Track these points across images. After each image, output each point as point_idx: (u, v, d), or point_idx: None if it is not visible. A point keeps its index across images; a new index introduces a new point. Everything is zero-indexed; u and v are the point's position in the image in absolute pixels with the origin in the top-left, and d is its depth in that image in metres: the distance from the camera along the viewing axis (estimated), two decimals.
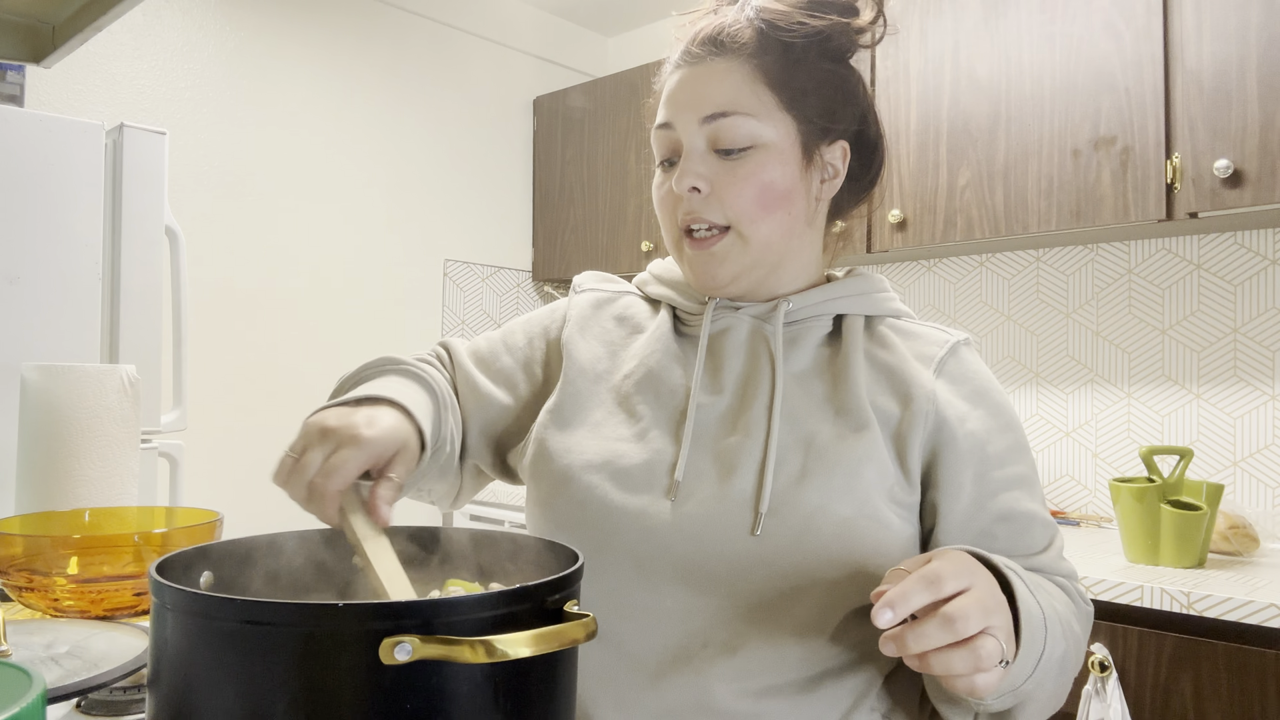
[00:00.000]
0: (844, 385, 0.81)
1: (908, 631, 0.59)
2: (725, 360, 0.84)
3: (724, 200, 0.81)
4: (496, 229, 3.09)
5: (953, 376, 0.83)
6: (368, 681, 0.46)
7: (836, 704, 0.75)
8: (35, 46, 1.47)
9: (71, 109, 2.20)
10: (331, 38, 2.68)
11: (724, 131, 0.80)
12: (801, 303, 0.85)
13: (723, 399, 0.82)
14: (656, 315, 0.91)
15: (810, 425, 0.79)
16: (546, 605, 0.52)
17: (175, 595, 0.49)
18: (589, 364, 0.87)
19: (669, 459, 0.80)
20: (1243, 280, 1.98)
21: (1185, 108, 1.75)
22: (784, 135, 0.81)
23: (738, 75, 0.81)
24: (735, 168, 0.80)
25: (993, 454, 0.80)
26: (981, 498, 0.79)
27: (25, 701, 0.42)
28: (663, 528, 0.77)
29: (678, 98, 0.83)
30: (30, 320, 1.65)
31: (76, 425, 1.17)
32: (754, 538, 0.74)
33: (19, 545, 0.89)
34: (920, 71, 2.13)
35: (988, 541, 0.79)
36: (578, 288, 0.97)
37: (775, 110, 0.81)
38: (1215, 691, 1.41)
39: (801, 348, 0.84)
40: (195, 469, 2.36)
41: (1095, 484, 2.17)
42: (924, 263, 2.47)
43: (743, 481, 0.77)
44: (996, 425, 0.81)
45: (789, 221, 0.83)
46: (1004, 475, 0.80)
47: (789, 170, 0.82)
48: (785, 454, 0.78)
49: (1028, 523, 0.80)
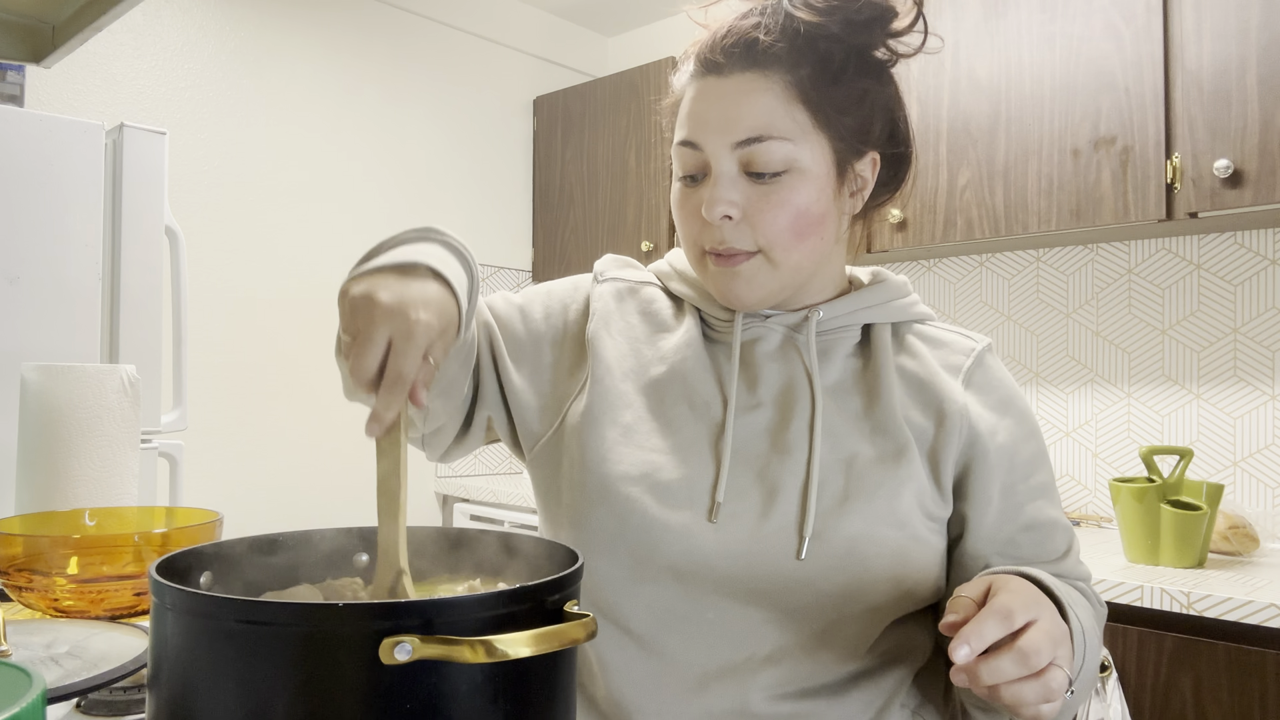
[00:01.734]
0: (879, 402, 0.80)
1: (981, 666, 0.60)
2: (759, 372, 0.82)
3: (756, 227, 0.77)
4: (496, 229, 3.09)
5: (980, 387, 0.83)
6: (368, 681, 0.46)
7: (871, 703, 0.77)
8: (35, 46, 1.47)
9: (71, 109, 2.20)
10: (331, 37, 2.68)
11: (758, 156, 0.76)
12: (831, 313, 0.84)
13: (760, 414, 0.81)
14: (683, 315, 0.88)
15: (850, 445, 0.79)
16: (546, 605, 0.52)
17: (175, 595, 0.49)
18: (615, 361, 0.84)
19: (709, 477, 0.78)
20: (1243, 280, 1.98)
21: (1185, 108, 1.75)
22: (819, 157, 0.78)
23: (772, 95, 0.76)
24: (769, 193, 0.77)
25: (1019, 464, 0.81)
26: (1009, 509, 0.80)
27: (25, 701, 0.42)
28: (706, 547, 0.76)
29: (706, 117, 0.78)
30: (30, 320, 1.65)
31: (76, 425, 1.17)
32: (799, 562, 0.74)
33: (19, 545, 0.89)
34: (920, 71, 2.13)
35: (1013, 550, 0.80)
36: (600, 275, 0.92)
37: (810, 131, 0.77)
38: (1215, 691, 1.41)
39: (832, 359, 0.83)
40: (195, 469, 2.36)
41: (1095, 484, 2.17)
42: (924, 263, 2.47)
43: (786, 504, 0.76)
44: (1022, 434, 0.82)
45: (821, 245, 0.81)
46: (1029, 485, 0.81)
47: (823, 193, 0.79)
48: (827, 474, 0.77)
49: (1050, 530, 0.81)
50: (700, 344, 0.85)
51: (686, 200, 0.81)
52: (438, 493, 2.96)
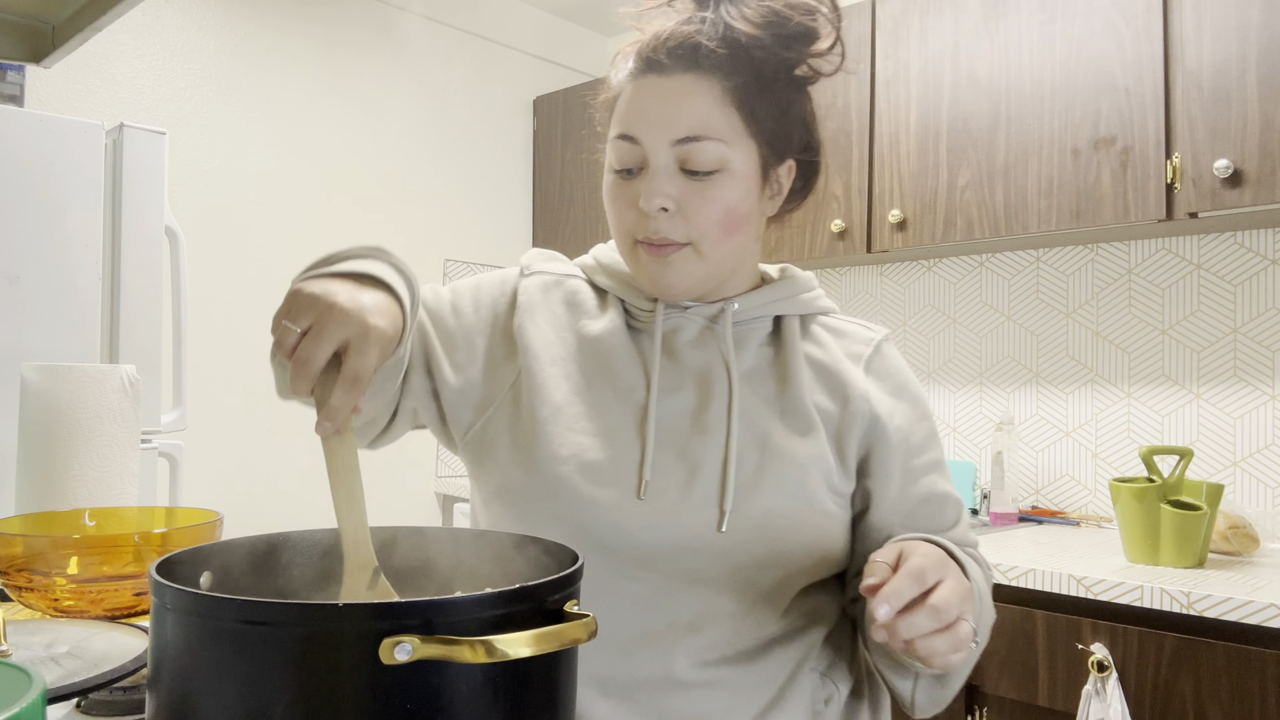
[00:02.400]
0: (789, 387, 0.87)
1: (900, 622, 0.66)
2: (680, 359, 0.88)
3: (689, 220, 0.83)
4: (496, 229, 3.09)
5: (879, 373, 0.91)
6: (368, 681, 0.46)
7: (783, 667, 0.82)
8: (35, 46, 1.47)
9: (71, 109, 2.20)
10: (331, 37, 2.68)
11: (694, 154, 0.81)
12: (745, 305, 0.90)
13: (680, 397, 0.86)
14: (606, 306, 0.92)
15: (763, 425, 0.84)
16: (546, 605, 0.52)
17: (175, 595, 0.49)
18: (542, 349, 0.88)
19: (635, 456, 0.83)
20: (1243, 280, 1.98)
21: (1185, 108, 1.75)
22: (747, 159, 0.84)
23: (711, 97, 0.82)
24: (702, 189, 0.82)
25: (914, 444, 0.89)
26: (907, 484, 0.88)
27: (25, 701, 0.42)
28: (633, 522, 0.80)
29: (647, 113, 0.83)
30: (30, 320, 1.65)
31: (76, 425, 1.17)
32: (719, 534, 0.80)
33: (19, 545, 0.89)
34: (920, 71, 2.13)
35: (912, 521, 0.87)
36: (526, 269, 0.96)
37: (742, 135, 0.83)
38: (1215, 691, 1.41)
39: (747, 348, 0.89)
40: (195, 469, 2.36)
41: (1095, 484, 2.17)
42: (924, 263, 2.47)
43: (706, 481, 0.81)
44: (916, 416, 0.90)
45: (744, 241, 0.87)
46: (923, 462, 0.89)
47: (750, 193, 0.85)
48: (743, 452, 0.83)
49: (943, 502, 0.89)
50: (624, 332, 0.89)
51: (622, 192, 0.85)
52: (438, 493, 2.96)
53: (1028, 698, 1.60)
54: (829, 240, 2.26)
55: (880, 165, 2.19)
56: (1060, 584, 1.56)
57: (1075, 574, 1.55)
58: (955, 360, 2.42)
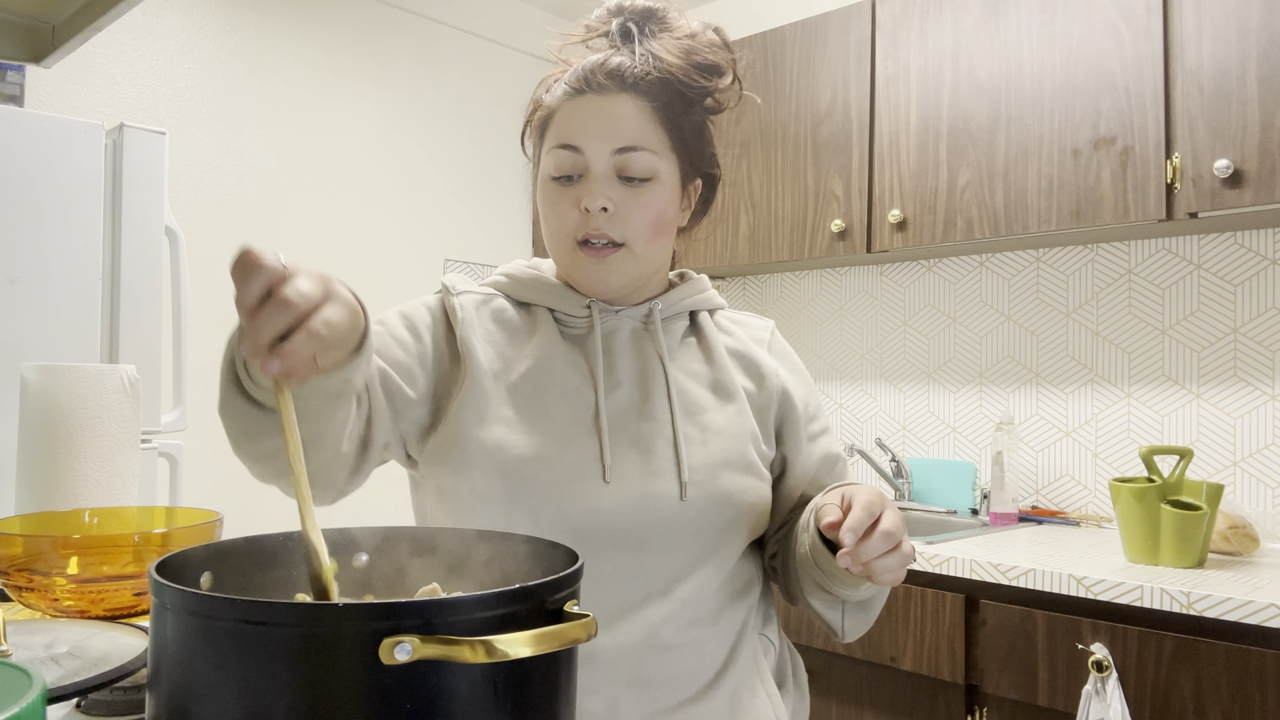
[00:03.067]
0: (715, 367, 0.99)
1: (861, 547, 0.77)
2: (617, 358, 0.97)
3: (625, 221, 0.92)
4: (496, 229, 3.09)
5: (778, 354, 1.05)
6: (368, 681, 0.46)
7: (733, 627, 0.93)
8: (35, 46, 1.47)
9: (71, 109, 2.20)
10: (331, 37, 2.68)
11: (632, 163, 0.92)
12: (666, 303, 1.01)
13: (622, 393, 0.95)
14: (533, 319, 0.99)
15: (698, 405, 0.96)
16: (546, 605, 0.52)
17: (175, 595, 0.49)
18: (486, 364, 0.94)
19: (594, 449, 0.91)
20: (1243, 280, 1.98)
21: (1185, 108, 1.75)
22: (672, 171, 0.95)
23: (645, 115, 0.93)
24: (637, 195, 0.93)
25: (810, 412, 1.03)
26: (811, 448, 1.01)
27: (25, 701, 0.42)
28: (603, 505, 0.88)
29: (588, 125, 0.92)
30: (30, 320, 1.65)
31: (76, 425, 1.17)
32: (682, 503, 0.90)
33: (19, 545, 0.89)
34: (920, 71, 2.13)
35: (816, 479, 1.01)
36: (453, 289, 0.99)
37: (668, 149, 0.95)
38: (1215, 691, 1.41)
39: (672, 340, 1.01)
40: (195, 469, 2.36)
41: (1095, 484, 2.17)
42: (924, 263, 2.47)
43: (661, 460, 0.91)
44: (808, 389, 1.05)
45: (668, 244, 0.98)
46: (818, 427, 1.04)
47: (673, 201, 0.96)
48: (688, 432, 0.94)
49: (836, 460, 1.04)
50: (559, 341, 0.97)
51: (561, 197, 0.94)
52: None
53: (1028, 698, 1.60)
54: (829, 240, 2.26)
55: (880, 165, 2.19)
56: (1060, 584, 1.56)
57: (1075, 574, 1.55)
58: (955, 360, 2.42)
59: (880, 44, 2.21)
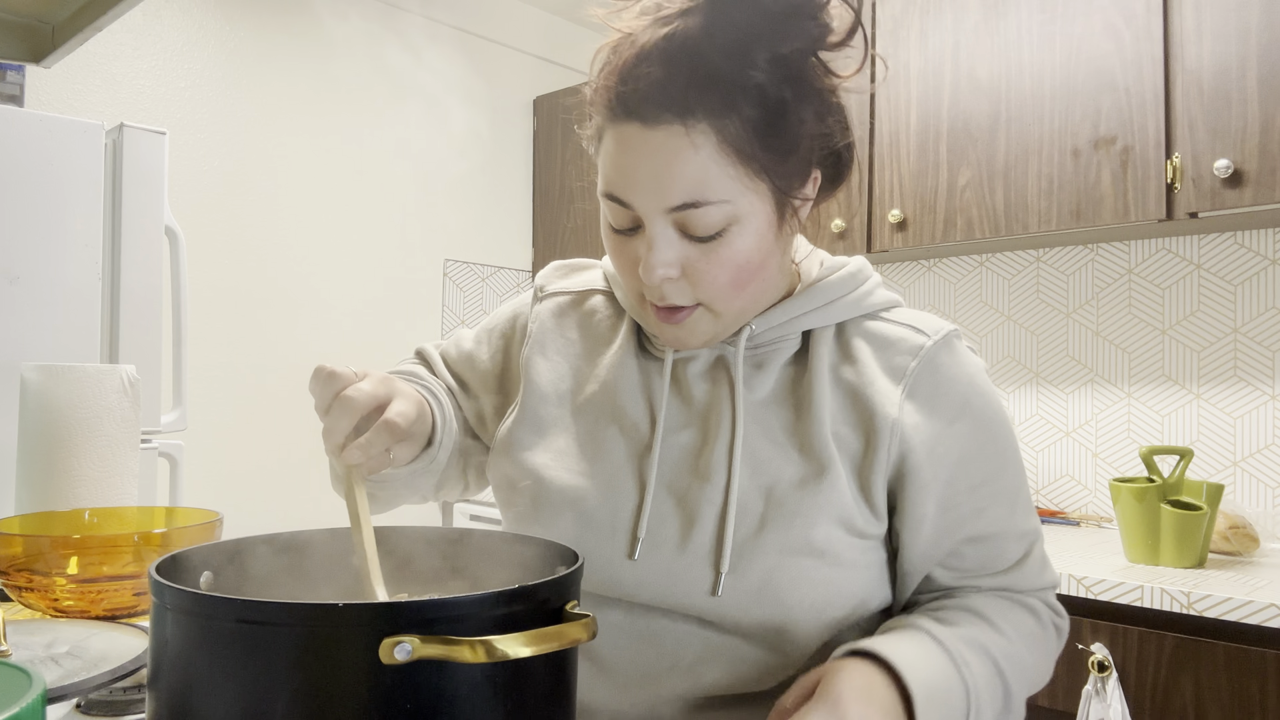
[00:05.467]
0: (808, 416, 0.77)
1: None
2: (689, 390, 0.81)
3: (696, 284, 0.74)
4: (496, 229, 3.09)
5: (927, 392, 0.77)
6: (368, 681, 0.46)
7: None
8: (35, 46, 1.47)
9: (71, 109, 2.20)
10: (331, 37, 2.68)
11: (694, 220, 0.70)
12: (765, 324, 0.80)
13: (687, 434, 0.79)
14: (621, 324, 0.87)
15: (772, 469, 0.76)
16: (547, 605, 0.52)
17: (175, 595, 0.49)
18: (550, 385, 0.85)
19: (632, 504, 0.77)
20: (1243, 280, 1.98)
21: (1185, 108, 1.75)
22: (758, 205, 0.72)
23: (705, 154, 0.68)
24: (708, 252, 0.72)
25: (966, 473, 0.77)
26: (949, 523, 0.77)
27: (25, 701, 0.42)
28: (624, 581, 0.76)
29: (634, 175, 0.71)
30: (30, 320, 1.65)
31: (76, 425, 1.17)
32: (715, 598, 0.74)
33: (19, 545, 0.89)
34: (920, 71, 2.13)
35: (957, 561, 0.78)
36: (540, 292, 0.92)
37: (748, 182, 0.70)
38: (1215, 691, 1.41)
39: (766, 371, 0.80)
40: (195, 469, 2.36)
41: (1095, 484, 2.17)
42: (924, 263, 2.47)
43: (702, 535, 0.75)
44: (975, 440, 0.77)
45: (764, 285, 0.77)
46: (977, 496, 0.77)
47: (764, 238, 0.74)
48: (746, 501, 0.75)
49: (1000, 541, 0.78)
50: (634, 360, 0.83)
51: (622, 250, 0.76)
52: None
53: (1028, 698, 1.59)
54: (829, 240, 2.26)
55: (880, 165, 2.19)
56: (1060, 584, 1.56)
57: (1075, 574, 1.55)
58: None
59: (880, 44, 2.21)
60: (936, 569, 0.78)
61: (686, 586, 0.74)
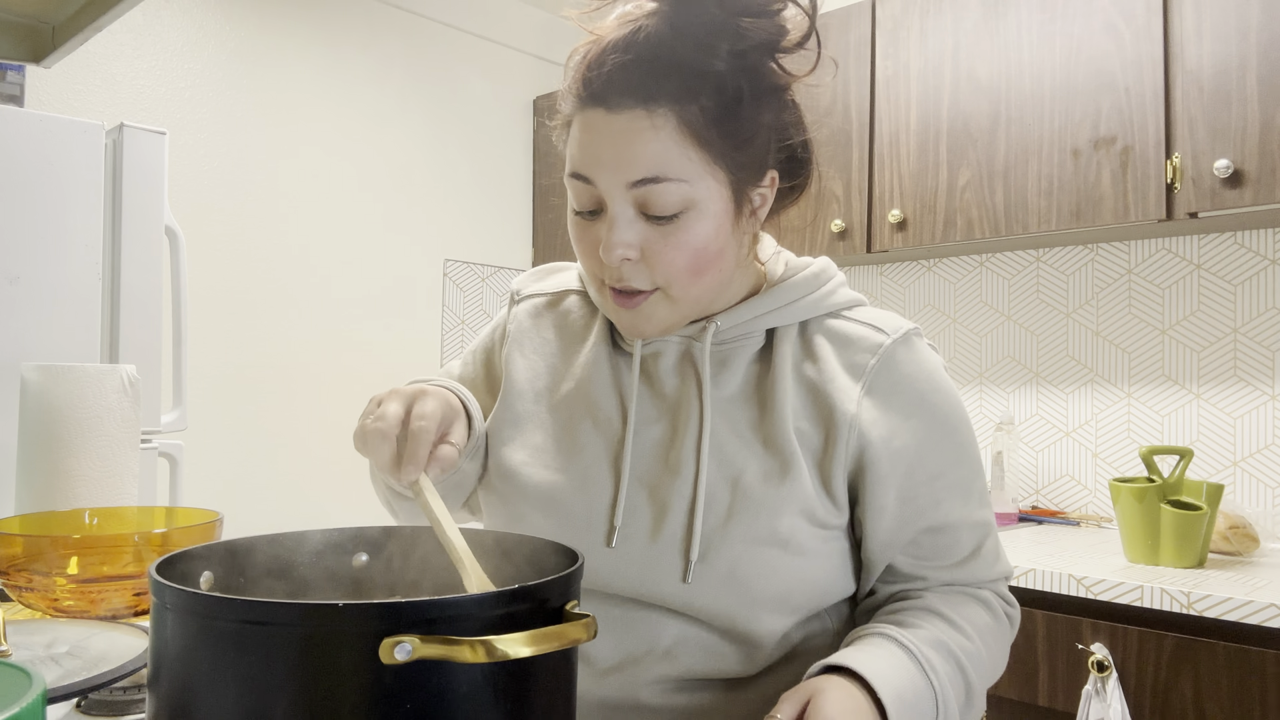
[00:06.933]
0: (770, 413, 0.80)
1: None
2: (660, 385, 0.84)
3: (654, 267, 0.76)
4: (496, 229, 3.09)
5: (885, 388, 0.80)
6: (368, 681, 0.46)
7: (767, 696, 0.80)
8: (35, 46, 1.47)
9: (71, 109, 2.20)
10: (331, 37, 2.68)
11: (654, 198, 0.74)
12: (730, 321, 0.83)
13: (657, 428, 0.82)
14: (594, 323, 0.89)
15: (738, 462, 0.79)
16: (547, 605, 0.52)
17: (175, 595, 0.49)
18: (527, 383, 0.89)
19: (607, 498, 0.81)
20: (1243, 280, 1.98)
21: (1185, 108, 1.75)
22: (716, 191, 0.75)
23: (665, 135, 0.72)
24: (666, 234, 0.75)
25: (923, 466, 0.80)
26: (908, 513, 0.80)
27: (25, 701, 0.42)
28: (602, 571, 0.80)
29: (598, 153, 0.74)
30: (30, 320, 1.65)
31: (76, 425, 1.17)
32: (685, 585, 0.77)
33: (19, 545, 0.89)
34: (920, 71, 2.13)
35: (915, 550, 0.82)
36: (516, 295, 0.95)
37: (705, 170, 0.74)
38: (1215, 691, 1.41)
39: (732, 368, 0.83)
40: (195, 469, 2.36)
41: (1095, 484, 2.17)
42: (924, 263, 2.47)
43: (673, 525, 0.78)
44: (931, 435, 0.80)
45: (720, 276, 0.80)
46: (934, 487, 0.80)
47: (722, 226, 0.77)
48: (713, 493, 0.78)
49: (955, 532, 0.82)
50: (605, 357, 0.86)
51: (584, 233, 0.79)
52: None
53: (1028, 698, 1.60)
54: (829, 240, 2.26)
55: (880, 165, 2.19)
56: (1060, 584, 1.56)
57: (1075, 574, 1.55)
58: (955, 360, 2.42)
59: (880, 44, 2.21)
60: (898, 557, 0.82)
61: (659, 575, 0.78)
